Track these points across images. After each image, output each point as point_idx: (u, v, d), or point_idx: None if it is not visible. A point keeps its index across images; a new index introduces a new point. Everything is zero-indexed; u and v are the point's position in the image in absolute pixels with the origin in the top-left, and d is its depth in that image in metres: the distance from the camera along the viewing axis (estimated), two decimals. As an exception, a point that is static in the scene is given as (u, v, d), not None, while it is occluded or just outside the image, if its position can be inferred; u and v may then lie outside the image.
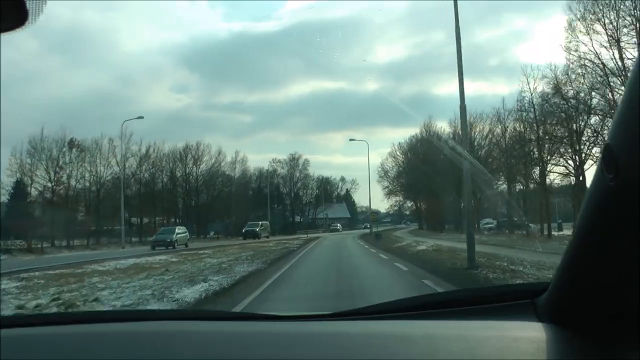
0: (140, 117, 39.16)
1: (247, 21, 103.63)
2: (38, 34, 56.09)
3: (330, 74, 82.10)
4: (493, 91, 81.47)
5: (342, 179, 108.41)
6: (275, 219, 79.42)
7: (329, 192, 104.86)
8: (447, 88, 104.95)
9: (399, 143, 70.52)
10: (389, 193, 75.10)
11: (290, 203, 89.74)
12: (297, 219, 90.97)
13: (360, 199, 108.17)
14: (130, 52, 79.20)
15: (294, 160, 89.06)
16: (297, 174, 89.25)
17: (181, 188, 59.07)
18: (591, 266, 0.97)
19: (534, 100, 31.62)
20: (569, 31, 27.28)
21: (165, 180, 55.74)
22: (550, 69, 30.32)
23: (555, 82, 28.94)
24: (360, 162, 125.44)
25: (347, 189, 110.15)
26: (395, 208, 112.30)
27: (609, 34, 25.09)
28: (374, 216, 52.40)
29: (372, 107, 78.51)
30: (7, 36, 0.80)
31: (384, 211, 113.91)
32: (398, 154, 69.78)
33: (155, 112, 72.35)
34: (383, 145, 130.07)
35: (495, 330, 1.13)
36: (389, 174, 71.57)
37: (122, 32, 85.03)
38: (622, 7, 24.45)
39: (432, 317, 1.28)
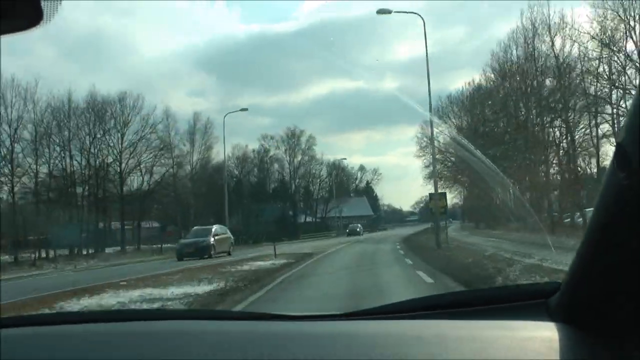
0: None
1: (264, 23, 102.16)
2: (55, 40, 55.48)
3: (348, 74, 78.28)
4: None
5: (362, 168, 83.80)
6: (263, 220, 55.50)
7: (345, 184, 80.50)
8: (460, 83, 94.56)
9: (450, 94, 45.72)
10: (432, 176, 50.03)
11: (290, 196, 65.00)
12: (307, 218, 67.32)
13: (384, 193, 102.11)
14: (147, 57, 77.40)
15: (293, 138, 64.60)
16: (299, 157, 64.84)
17: (88, 167, 34.74)
18: (603, 265, 0.98)
19: None
20: None
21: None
22: None
23: None
24: (380, 162, 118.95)
25: (367, 181, 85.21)
26: (422, 205, 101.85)
27: None
28: (442, 204, 20.85)
29: (390, 105, 75.16)
30: (25, 41, 0.78)
31: (409, 208, 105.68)
32: (449, 110, 44.98)
33: (173, 117, 55.07)
34: (403, 144, 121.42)
35: (507, 330, 1.12)
36: (435, 144, 46.62)
37: (139, 36, 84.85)
38: None
39: (444, 317, 1.24)
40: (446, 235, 21.92)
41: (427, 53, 22.38)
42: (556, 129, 32.32)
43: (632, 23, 26.83)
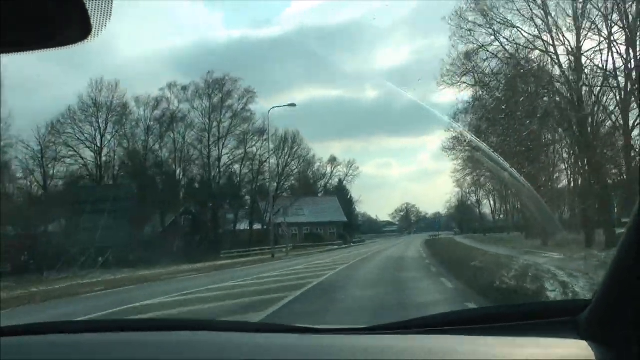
0: None
1: (246, 28, 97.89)
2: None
3: (330, 81, 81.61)
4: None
5: (332, 160, 58.84)
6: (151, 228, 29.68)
7: (309, 179, 55.84)
8: (446, 96, 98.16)
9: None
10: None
11: (207, 187, 38.35)
12: (236, 225, 41.32)
13: (363, 195, 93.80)
14: (128, 59, 68.00)
15: (218, 89, 38.60)
16: (226, 123, 38.75)
17: None
18: (636, 284, 0.96)
19: None
20: None
21: None
22: None
23: None
24: (360, 172, 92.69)
25: (339, 179, 61.69)
26: (402, 214, 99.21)
27: None
28: None
29: (371, 115, 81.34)
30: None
31: (387, 218, 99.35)
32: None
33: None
34: (380, 155, 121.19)
35: (538, 348, 1.12)
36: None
37: (120, 38, 73.92)
38: None
39: (473, 333, 1.22)
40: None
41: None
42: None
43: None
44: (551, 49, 22.99)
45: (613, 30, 21.66)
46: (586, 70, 22.62)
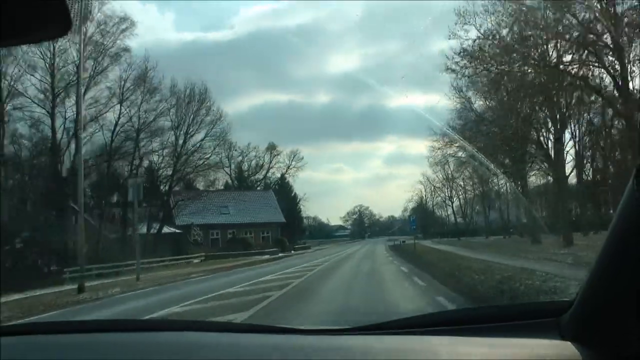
0: None
1: (198, 31, 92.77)
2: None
3: (282, 86, 77.17)
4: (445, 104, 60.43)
5: (271, 148, 47.42)
6: None
7: (242, 170, 48.94)
8: (400, 101, 79.72)
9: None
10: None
11: (57, 164, 23.93)
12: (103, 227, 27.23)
13: (308, 191, 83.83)
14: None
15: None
16: (92, 62, 24.37)
17: None
18: (618, 285, 0.98)
19: None
20: None
21: None
22: None
23: None
24: (310, 177, 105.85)
25: (282, 173, 53.39)
26: (355, 217, 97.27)
27: None
28: None
29: (323, 120, 76.60)
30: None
31: (339, 222, 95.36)
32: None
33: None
34: (332, 160, 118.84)
35: (520, 348, 1.13)
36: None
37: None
38: None
39: (456, 334, 1.24)
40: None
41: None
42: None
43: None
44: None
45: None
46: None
